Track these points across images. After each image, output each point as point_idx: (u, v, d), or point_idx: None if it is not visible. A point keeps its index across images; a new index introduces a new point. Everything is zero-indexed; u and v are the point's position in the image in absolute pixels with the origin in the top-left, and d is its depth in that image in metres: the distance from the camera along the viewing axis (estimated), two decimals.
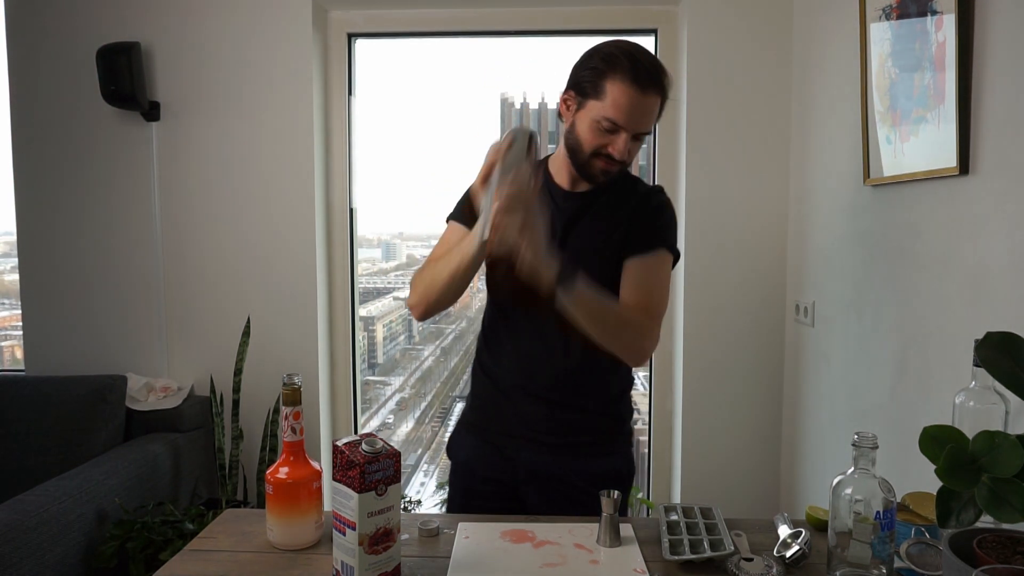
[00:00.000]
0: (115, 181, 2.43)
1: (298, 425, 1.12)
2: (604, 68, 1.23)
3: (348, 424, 2.64)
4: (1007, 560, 0.79)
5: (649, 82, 1.22)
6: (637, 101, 1.22)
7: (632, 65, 1.22)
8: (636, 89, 1.22)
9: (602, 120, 1.24)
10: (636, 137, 1.26)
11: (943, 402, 1.21)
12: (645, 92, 1.22)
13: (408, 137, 3.60)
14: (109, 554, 1.84)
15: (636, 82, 1.21)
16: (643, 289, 1.30)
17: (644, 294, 1.30)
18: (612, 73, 1.22)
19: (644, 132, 1.27)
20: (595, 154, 1.27)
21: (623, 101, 1.22)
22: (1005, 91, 1.25)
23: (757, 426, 2.42)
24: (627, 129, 1.24)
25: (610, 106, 1.23)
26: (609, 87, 1.23)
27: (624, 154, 1.25)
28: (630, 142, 1.25)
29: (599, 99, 1.24)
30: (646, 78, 1.22)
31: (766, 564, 1.02)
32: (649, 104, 1.24)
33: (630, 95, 1.22)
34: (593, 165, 1.29)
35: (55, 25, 2.40)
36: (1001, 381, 0.86)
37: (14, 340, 3.05)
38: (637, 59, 1.22)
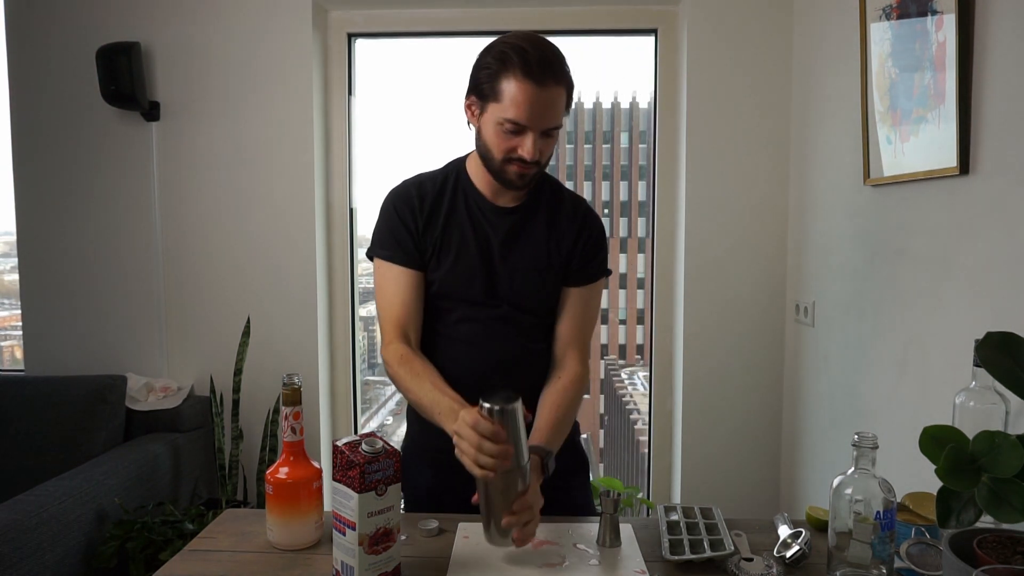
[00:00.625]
0: (115, 181, 2.43)
1: (298, 425, 1.12)
2: (497, 67, 1.17)
3: (348, 424, 2.64)
4: (1007, 560, 0.79)
5: (544, 74, 1.15)
6: (536, 96, 1.16)
7: (523, 59, 1.15)
8: (531, 83, 1.15)
9: (504, 122, 1.18)
10: (546, 133, 1.20)
11: (943, 402, 1.21)
12: (543, 85, 1.16)
13: (408, 137, 3.61)
14: (109, 554, 1.84)
15: (530, 76, 1.15)
16: (582, 320, 1.36)
17: (582, 325, 1.36)
18: (505, 71, 1.16)
19: (552, 127, 1.21)
20: (507, 160, 1.22)
21: (521, 98, 1.16)
22: (1005, 91, 1.25)
23: (757, 426, 2.42)
24: (532, 127, 1.18)
25: (509, 106, 1.17)
26: (505, 86, 1.16)
27: (535, 154, 1.19)
28: (540, 140, 1.20)
29: (498, 101, 1.18)
30: (539, 70, 1.15)
31: (766, 564, 1.02)
32: (549, 97, 1.17)
33: (527, 91, 1.15)
34: (507, 171, 1.23)
35: (55, 25, 2.40)
36: (1001, 381, 0.86)
37: (14, 340, 3.04)
38: (527, 52, 1.15)
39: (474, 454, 1.02)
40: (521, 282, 1.31)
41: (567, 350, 1.34)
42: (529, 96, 1.16)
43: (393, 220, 1.31)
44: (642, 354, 50.50)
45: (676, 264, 2.47)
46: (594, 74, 66.77)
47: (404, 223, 1.30)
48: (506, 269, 1.31)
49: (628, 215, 62.63)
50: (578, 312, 1.35)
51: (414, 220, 1.30)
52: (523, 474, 1.07)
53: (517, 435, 1.05)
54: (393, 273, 1.30)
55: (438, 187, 1.32)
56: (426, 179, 1.34)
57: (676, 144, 2.44)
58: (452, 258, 1.30)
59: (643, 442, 2.70)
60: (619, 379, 43.83)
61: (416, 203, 1.30)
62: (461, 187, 1.33)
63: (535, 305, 1.34)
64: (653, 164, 2.53)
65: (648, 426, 2.64)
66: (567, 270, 1.34)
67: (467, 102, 1.25)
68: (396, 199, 1.33)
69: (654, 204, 2.51)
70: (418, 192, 1.32)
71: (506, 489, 1.05)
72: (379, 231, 1.34)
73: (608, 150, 63.05)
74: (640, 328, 51.63)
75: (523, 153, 1.19)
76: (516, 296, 1.32)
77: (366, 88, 2.61)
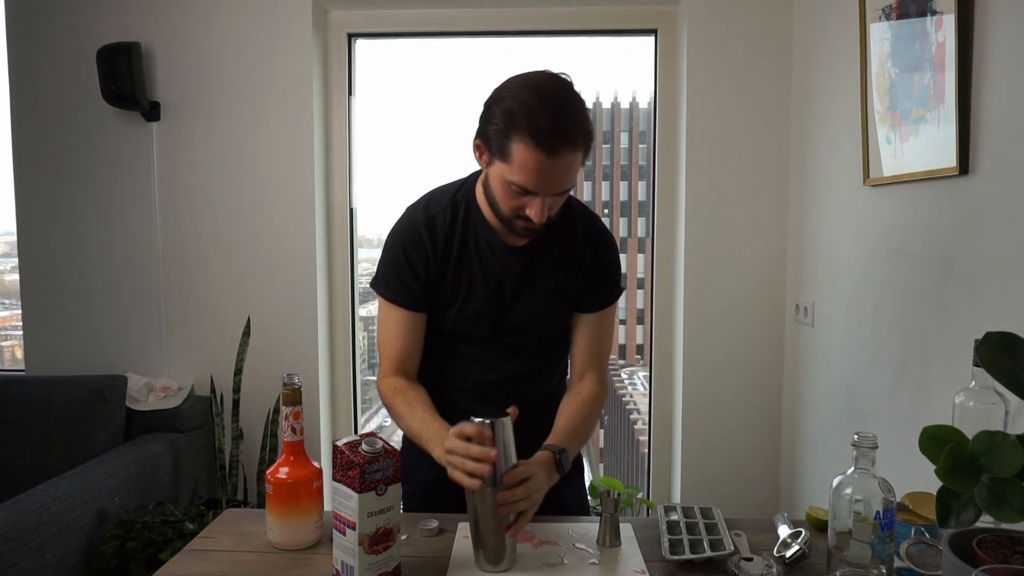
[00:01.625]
0: (115, 181, 2.43)
1: (298, 425, 1.12)
2: (506, 127, 1.07)
3: (348, 424, 2.64)
4: (1007, 560, 0.79)
5: (557, 142, 1.06)
6: (546, 166, 1.07)
7: (534, 127, 1.04)
8: (542, 153, 1.05)
9: (511, 184, 1.10)
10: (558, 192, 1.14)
11: (943, 402, 1.21)
12: (554, 154, 1.06)
13: (408, 137, 3.61)
14: (109, 554, 1.84)
15: (541, 145, 1.05)
16: (598, 345, 1.35)
17: (598, 350, 1.35)
18: (514, 134, 1.06)
19: (563, 191, 1.14)
20: (515, 215, 1.16)
21: (530, 167, 1.07)
22: (1005, 91, 1.25)
23: (757, 426, 2.42)
24: (541, 193, 1.11)
25: (517, 170, 1.08)
26: (514, 149, 1.07)
27: (543, 217, 1.13)
28: (550, 200, 1.13)
29: (505, 161, 1.09)
30: (551, 139, 1.05)
31: (766, 564, 1.02)
32: (562, 166, 1.08)
33: (537, 160, 1.06)
34: (515, 225, 1.17)
35: (55, 25, 2.40)
36: (1001, 381, 0.86)
37: (14, 340, 3.05)
38: (540, 118, 1.04)
39: (462, 462, 1.02)
40: (533, 317, 1.30)
41: (586, 372, 1.34)
42: (539, 165, 1.07)
43: (400, 263, 1.26)
44: (642, 354, 50.46)
45: (676, 264, 2.47)
46: (594, 74, 66.77)
47: (412, 268, 1.25)
48: (517, 306, 1.29)
49: (628, 215, 62.61)
50: (594, 337, 1.34)
51: (424, 265, 1.25)
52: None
53: (507, 448, 1.04)
54: (396, 315, 1.29)
55: (448, 224, 1.26)
56: (435, 213, 1.26)
57: (676, 144, 2.44)
58: (462, 300, 1.28)
59: (643, 442, 2.70)
60: (619, 379, 43.83)
61: (428, 249, 1.25)
62: (472, 223, 1.26)
63: (543, 332, 1.34)
64: (653, 164, 2.53)
65: (648, 426, 2.64)
66: (581, 297, 1.32)
67: (475, 143, 1.17)
68: (405, 240, 1.26)
69: (654, 204, 2.51)
70: (429, 234, 1.25)
71: (496, 513, 1.04)
72: (385, 270, 1.29)
73: (608, 150, 63.03)
74: (640, 328, 51.60)
75: (530, 214, 1.13)
76: (527, 328, 1.31)
77: (366, 88, 2.60)
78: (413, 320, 1.29)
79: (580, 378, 1.34)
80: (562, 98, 1.09)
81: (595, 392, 1.32)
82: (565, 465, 1.16)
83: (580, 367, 1.35)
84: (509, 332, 1.30)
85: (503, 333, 1.30)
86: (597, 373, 1.34)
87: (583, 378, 1.34)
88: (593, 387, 1.32)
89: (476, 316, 1.28)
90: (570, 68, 1.25)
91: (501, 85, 1.13)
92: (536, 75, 1.11)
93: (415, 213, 1.29)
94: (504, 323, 1.29)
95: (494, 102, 1.11)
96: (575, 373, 1.35)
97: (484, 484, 1.02)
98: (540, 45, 2.59)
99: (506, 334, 1.30)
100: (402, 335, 1.29)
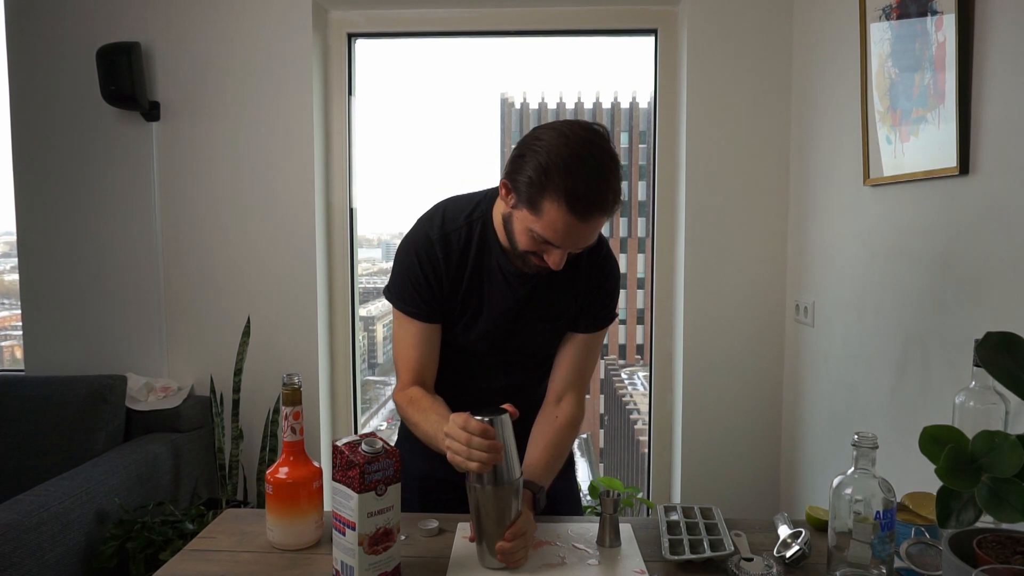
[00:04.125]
0: (115, 181, 2.43)
1: (298, 425, 1.12)
2: (540, 183, 1.06)
3: (348, 424, 2.64)
4: (1007, 560, 0.79)
5: (592, 210, 1.07)
6: (576, 229, 1.08)
7: (571, 189, 1.04)
8: (575, 217, 1.07)
9: (535, 233, 1.11)
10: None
11: (943, 402, 1.21)
12: (587, 219, 1.08)
13: (408, 137, 3.61)
14: (109, 554, 1.84)
15: (574, 211, 1.06)
16: (582, 367, 1.33)
17: (581, 372, 1.33)
18: (548, 192, 1.06)
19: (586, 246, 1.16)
20: (530, 253, 1.16)
21: (559, 227, 1.08)
22: (1005, 91, 1.25)
23: (757, 426, 2.42)
24: (564, 248, 1.12)
25: (546, 226, 1.09)
26: (546, 207, 1.07)
27: (560, 265, 1.14)
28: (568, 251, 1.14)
29: (535, 214, 1.09)
30: (586, 206, 1.06)
31: (766, 564, 1.02)
32: (591, 228, 1.10)
33: (568, 223, 1.07)
34: (528, 261, 1.18)
35: (55, 25, 2.40)
36: (1001, 381, 0.86)
37: (14, 340, 3.05)
38: (576, 182, 1.04)
39: (465, 450, 1.02)
40: (531, 339, 1.31)
41: (566, 392, 1.32)
42: (569, 227, 1.08)
43: (416, 275, 1.25)
44: (642, 354, 50.47)
45: (676, 264, 2.47)
46: (594, 74, 66.55)
47: (428, 281, 1.25)
48: (519, 328, 1.29)
49: (628, 215, 62.59)
50: (580, 358, 1.32)
51: (437, 281, 1.25)
52: (516, 492, 1.06)
53: (508, 446, 1.04)
54: (412, 328, 1.28)
55: (462, 244, 1.25)
56: (451, 231, 1.25)
57: (676, 144, 2.44)
58: (468, 319, 1.28)
59: (643, 442, 2.70)
60: (619, 379, 43.82)
61: (442, 266, 1.24)
62: (487, 246, 1.25)
63: (539, 350, 1.34)
64: (653, 164, 2.53)
65: (648, 426, 2.64)
66: (577, 317, 1.32)
67: (503, 182, 1.15)
68: (420, 253, 1.25)
69: (654, 204, 2.51)
70: (443, 252, 1.24)
71: (499, 511, 1.04)
72: (399, 280, 1.28)
73: None
74: (640, 328, 51.59)
75: (549, 262, 1.14)
76: (525, 348, 1.32)
77: (366, 88, 2.61)
78: (429, 332, 1.28)
79: (559, 399, 1.31)
80: (599, 161, 1.07)
81: (573, 417, 1.30)
82: (542, 502, 1.16)
83: (560, 387, 1.32)
84: (508, 351, 1.31)
85: (503, 351, 1.31)
86: (577, 396, 1.32)
87: (562, 400, 1.31)
88: (571, 411, 1.30)
89: (479, 335, 1.29)
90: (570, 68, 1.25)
91: (535, 133, 1.11)
92: (573, 129, 1.08)
93: (430, 228, 1.26)
94: (504, 343, 1.30)
95: (528, 151, 1.09)
96: (553, 391, 1.32)
97: (485, 482, 1.03)
98: (540, 45, 2.60)
99: (505, 352, 1.32)
100: (418, 346, 1.28)
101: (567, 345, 1.32)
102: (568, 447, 1.32)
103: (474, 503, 1.05)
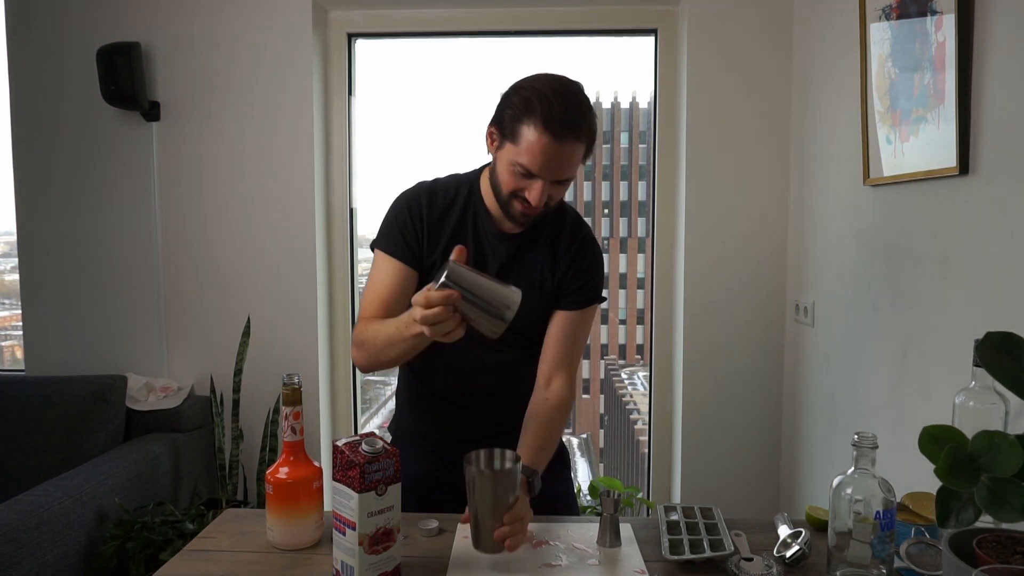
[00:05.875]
0: (115, 181, 2.43)
1: (298, 425, 1.12)
2: (520, 111, 1.16)
3: (348, 424, 2.64)
4: (1007, 560, 0.79)
5: (564, 130, 1.14)
6: (552, 150, 1.15)
7: (546, 111, 1.14)
8: (550, 137, 1.14)
9: (517, 164, 1.18)
10: (557, 181, 1.21)
11: (943, 402, 1.21)
12: (561, 140, 1.15)
13: (408, 137, 3.60)
14: (109, 554, 1.84)
15: (549, 129, 1.14)
16: (571, 346, 1.35)
17: (570, 350, 1.35)
18: (527, 117, 1.15)
19: (564, 179, 1.21)
20: (513, 196, 1.22)
21: (537, 148, 1.15)
22: (1005, 91, 1.25)
23: (757, 426, 2.42)
24: (542, 177, 1.18)
25: (524, 151, 1.16)
26: (524, 131, 1.16)
27: (540, 201, 1.19)
28: (550, 186, 1.20)
29: (515, 143, 1.17)
30: (560, 126, 1.14)
31: (766, 564, 1.02)
32: (565, 153, 1.17)
33: (544, 143, 1.14)
34: (512, 207, 1.23)
35: (55, 25, 2.40)
36: (1001, 381, 0.86)
37: (14, 340, 3.05)
38: (552, 105, 1.14)
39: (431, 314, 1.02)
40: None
41: (555, 372, 1.33)
42: (545, 149, 1.15)
43: (402, 218, 1.31)
44: (642, 354, 50.47)
45: (676, 264, 2.47)
46: (594, 74, 66.78)
47: (413, 224, 1.30)
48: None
49: (628, 215, 62.61)
50: (568, 336, 1.34)
51: (418, 225, 1.30)
52: (514, 476, 1.07)
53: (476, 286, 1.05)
54: (389, 266, 1.31)
55: (449, 199, 1.32)
56: (439, 188, 1.33)
57: (676, 144, 2.44)
58: None
59: (643, 442, 2.70)
60: (619, 379, 43.80)
61: (424, 211, 1.30)
62: (472, 205, 1.32)
63: (525, 327, 1.33)
64: (653, 164, 2.53)
65: (648, 426, 2.64)
66: (560, 293, 1.34)
67: (489, 130, 1.24)
68: (407, 200, 1.32)
69: (654, 204, 2.51)
70: (428, 200, 1.31)
71: (496, 495, 1.05)
72: (385, 225, 1.34)
73: (608, 150, 63.04)
74: (640, 328, 51.59)
75: (529, 197, 1.19)
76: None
77: (366, 88, 2.60)
78: (404, 273, 1.30)
79: (548, 381, 1.32)
80: (575, 93, 1.18)
81: (564, 398, 1.31)
82: (536, 486, 1.17)
83: (549, 368, 1.33)
84: None
85: None
86: (567, 376, 1.33)
87: (551, 381, 1.32)
88: (562, 392, 1.31)
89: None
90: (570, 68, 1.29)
91: (522, 78, 1.21)
92: (554, 74, 1.21)
93: (421, 184, 1.35)
94: None
95: (514, 91, 1.20)
96: (543, 374, 1.34)
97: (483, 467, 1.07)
98: (540, 45, 2.59)
99: None
100: (389, 283, 1.30)
101: (553, 325, 1.35)
102: (560, 428, 1.33)
103: (472, 488, 1.06)
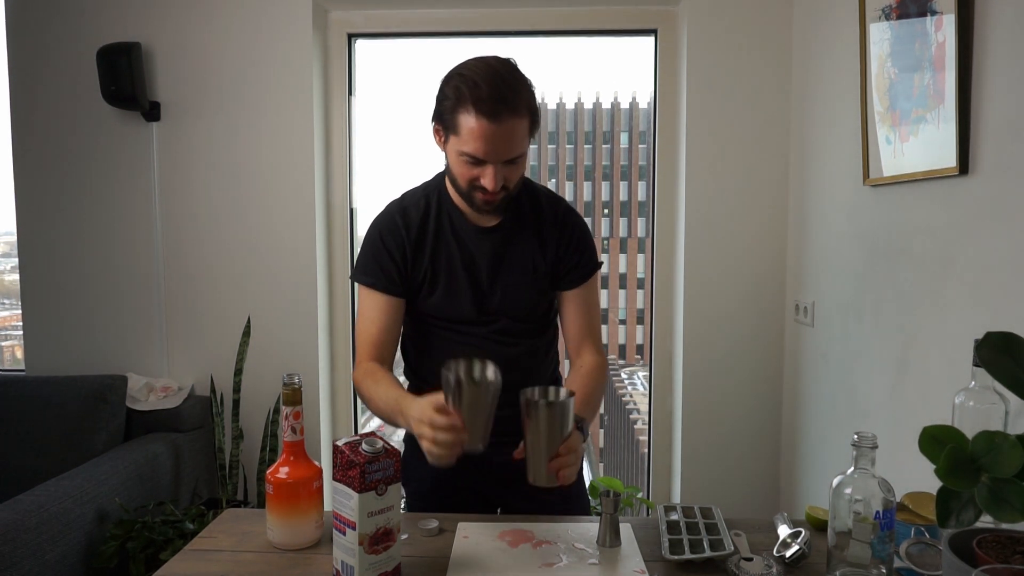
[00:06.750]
0: (115, 181, 2.43)
1: (298, 425, 1.12)
2: (454, 101, 1.16)
3: (348, 424, 2.64)
4: (1007, 560, 0.79)
5: (498, 109, 1.13)
6: (491, 132, 1.14)
7: (476, 95, 1.13)
8: (486, 120, 1.13)
9: (464, 154, 1.18)
10: (509, 161, 1.19)
11: (943, 402, 1.21)
12: (498, 121, 1.14)
13: (408, 137, 3.61)
14: (109, 554, 1.84)
15: (483, 112, 1.13)
16: (587, 318, 1.38)
17: (589, 321, 1.39)
18: (460, 106, 1.15)
19: (514, 157, 1.20)
20: (471, 187, 1.22)
21: (477, 134, 1.15)
22: (1005, 91, 1.25)
23: (757, 426, 2.42)
24: (491, 161, 1.17)
25: (467, 140, 1.16)
26: (462, 121, 1.15)
27: (496, 185, 1.19)
28: (503, 168, 1.19)
29: (457, 134, 1.17)
30: (492, 106, 1.13)
31: (766, 564, 1.02)
32: (506, 130, 1.15)
33: (483, 127, 1.14)
34: (474, 197, 1.23)
35: (55, 25, 2.40)
36: (1001, 381, 0.86)
37: (14, 340, 3.05)
38: (481, 88, 1.13)
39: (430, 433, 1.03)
40: (512, 296, 1.33)
41: (581, 345, 1.37)
42: (485, 132, 1.15)
43: (378, 248, 1.31)
44: (642, 354, 50.44)
45: (676, 264, 2.47)
46: (594, 74, 66.36)
47: (389, 253, 1.30)
48: (495, 287, 1.33)
49: (628, 215, 62.61)
50: (582, 311, 1.38)
51: (400, 250, 1.31)
52: (568, 409, 1.08)
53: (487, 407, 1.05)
54: (373, 300, 1.32)
55: (422, 212, 1.32)
56: (409, 204, 1.33)
57: (676, 144, 2.44)
58: (442, 285, 1.32)
59: (643, 442, 2.70)
60: (619, 379, 43.81)
61: (403, 233, 1.31)
62: (444, 209, 1.33)
63: (528, 313, 1.36)
64: (653, 164, 2.53)
65: (648, 426, 2.64)
66: (557, 275, 1.36)
67: (433, 127, 1.24)
68: (382, 228, 1.32)
69: (654, 204, 2.51)
70: (403, 221, 1.31)
71: (551, 428, 1.06)
72: (363, 257, 1.34)
73: (608, 150, 63.02)
74: (640, 328, 51.56)
75: (485, 184, 1.19)
76: (509, 309, 1.34)
77: (366, 88, 2.61)
78: (390, 305, 1.31)
79: (578, 353, 1.37)
80: (503, 72, 1.16)
81: (596, 362, 1.35)
82: (586, 432, 1.20)
83: (575, 342, 1.38)
84: (493, 314, 1.33)
85: (488, 316, 1.33)
86: (593, 344, 1.37)
87: (580, 352, 1.37)
88: (593, 358, 1.35)
89: (457, 298, 1.32)
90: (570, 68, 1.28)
91: (452, 68, 1.21)
92: (480, 57, 1.20)
93: (390, 206, 1.36)
94: (486, 305, 1.33)
95: (445, 83, 1.20)
96: (571, 350, 1.39)
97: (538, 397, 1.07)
98: (540, 45, 2.60)
99: (491, 317, 1.33)
100: (378, 320, 1.31)
101: (565, 306, 1.38)
102: (601, 390, 1.35)
103: (529, 419, 1.07)
